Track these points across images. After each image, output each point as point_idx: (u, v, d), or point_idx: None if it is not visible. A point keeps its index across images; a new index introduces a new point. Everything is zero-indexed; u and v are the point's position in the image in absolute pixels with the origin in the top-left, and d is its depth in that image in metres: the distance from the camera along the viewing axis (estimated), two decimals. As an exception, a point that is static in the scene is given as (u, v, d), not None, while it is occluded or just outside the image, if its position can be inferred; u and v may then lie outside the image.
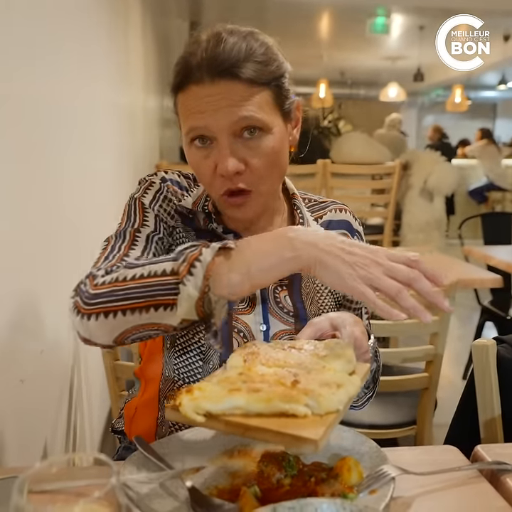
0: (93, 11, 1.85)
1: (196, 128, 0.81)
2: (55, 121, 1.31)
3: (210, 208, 0.91)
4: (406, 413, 1.79)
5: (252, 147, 0.81)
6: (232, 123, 0.79)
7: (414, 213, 4.38)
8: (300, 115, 0.90)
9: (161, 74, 3.95)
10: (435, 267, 0.69)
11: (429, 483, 0.69)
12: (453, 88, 8.05)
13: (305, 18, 5.84)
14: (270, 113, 0.82)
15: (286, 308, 0.91)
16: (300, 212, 0.94)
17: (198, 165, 0.84)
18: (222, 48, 0.79)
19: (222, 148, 0.80)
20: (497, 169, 7.05)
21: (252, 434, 0.59)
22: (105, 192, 1.95)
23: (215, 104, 0.78)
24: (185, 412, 0.60)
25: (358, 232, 1.00)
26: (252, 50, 0.80)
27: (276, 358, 0.69)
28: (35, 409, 1.08)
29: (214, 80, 0.78)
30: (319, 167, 3.70)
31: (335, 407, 0.61)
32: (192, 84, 0.80)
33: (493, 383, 0.95)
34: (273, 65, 0.82)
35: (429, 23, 6.24)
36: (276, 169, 0.85)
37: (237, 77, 0.78)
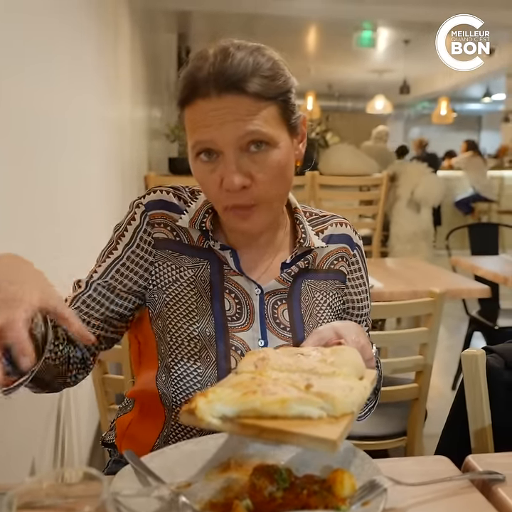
0: (83, 24, 1.86)
1: (202, 142, 0.81)
2: (44, 132, 1.30)
3: (207, 226, 0.90)
4: (396, 424, 1.79)
5: (258, 161, 0.81)
6: (238, 137, 0.79)
7: (402, 224, 4.41)
8: (306, 130, 0.90)
9: (149, 86, 3.97)
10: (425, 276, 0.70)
11: (421, 493, 0.69)
12: (438, 100, 8.18)
13: (293, 32, 5.90)
14: (277, 127, 0.82)
15: (282, 323, 0.91)
16: (303, 227, 0.94)
17: (204, 179, 0.84)
18: (229, 62, 0.79)
19: (228, 163, 0.80)
20: (483, 180, 7.14)
21: (268, 436, 0.60)
22: (94, 205, 1.94)
23: (221, 118, 0.79)
24: (202, 415, 0.60)
25: (357, 245, 1.00)
26: (258, 65, 0.80)
27: (288, 363, 0.70)
28: (22, 424, 1.07)
29: (221, 94, 0.79)
30: (307, 179, 3.72)
31: (349, 409, 0.62)
32: (198, 98, 0.80)
33: (483, 393, 0.95)
34: (280, 80, 0.83)
35: (414, 36, 6.35)
36: (283, 183, 0.85)
37: (243, 92, 0.79)
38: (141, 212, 0.91)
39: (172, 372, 0.88)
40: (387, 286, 2.11)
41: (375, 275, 2.26)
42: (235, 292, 0.90)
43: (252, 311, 0.90)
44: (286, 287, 0.92)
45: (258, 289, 0.91)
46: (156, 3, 4.62)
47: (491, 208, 7.21)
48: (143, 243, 0.90)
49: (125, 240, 0.91)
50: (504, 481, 0.71)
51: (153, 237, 0.90)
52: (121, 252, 0.91)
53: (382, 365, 1.68)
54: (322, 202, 3.80)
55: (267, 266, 0.93)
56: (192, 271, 0.90)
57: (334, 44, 6.89)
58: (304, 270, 0.94)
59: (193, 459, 0.74)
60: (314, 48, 7.23)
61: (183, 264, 0.90)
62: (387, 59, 7.69)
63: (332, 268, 0.97)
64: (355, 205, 4.31)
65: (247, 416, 0.60)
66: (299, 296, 0.93)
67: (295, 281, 0.93)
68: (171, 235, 0.91)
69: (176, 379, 0.87)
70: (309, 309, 0.93)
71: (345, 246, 0.98)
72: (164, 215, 0.91)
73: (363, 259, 1.01)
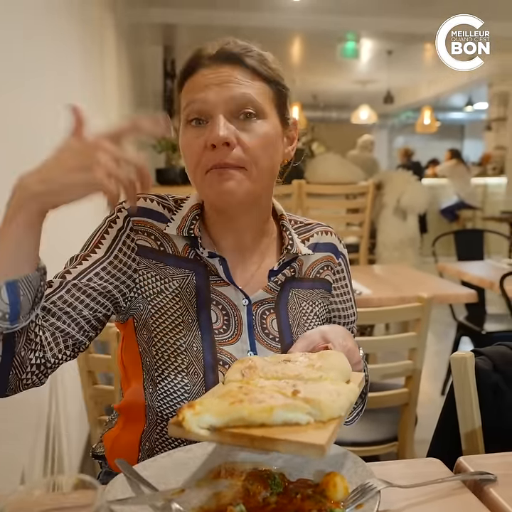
0: (69, 39, 1.87)
1: (195, 100, 0.82)
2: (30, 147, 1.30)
3: (195, 232, 0.88)
4: (387, 430, 1.79)
5: (246, 128, 0.82)
6: (230, 98, 0.81)
7: (389, 232, 4.45)
8: (296, 135, 0.92)
9: (135, 98, 3.98)
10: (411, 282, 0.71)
11: (415, 495, 0.69)
12: (422, 110, 8.28)
13: (277, 43, 5.96)
14: (268, 105, 0.85)
15: (271, 334, 0.90)
16: (289, 233, 0.94)
17: (189, 143, 0.83)
18: (229, 44, 0.85)
19: (216, 121, 0.81)
20: (467, 188, 7.23)
21: (259, 445, 0.60)
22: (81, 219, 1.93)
23: (218, 79, 0.82)
24: (189, 427, 0.60)
25: (342, 254, 1.00)
26: (257, 51, 0.86)
27: (274, 371, 0.70)
28: (12, 436, 1.06)
29: (221, 64, 0.83)
30: (294, 187, 3.74)
31: (337, 414, 0.62)
32: (201, 68, 0.84)
33: (473, 395, 0.96)
34: (276, 72, 0.87)
35: (397, 47, 6.43)
36: (267, 159, 0.84)
37: (242, 64, 0.83)
38: (124, 216, 0.88)
39: (159, 388, 0.86)
40: (376, 292, 2.13)
41: (363, 282, 2.27)
42: (222, 304, 0.88)
43: (240, 323, 0.88)
44: (273, 296, 0.91)
45: (246, 300, 0.89)
46: (142, 17, 4.65)
47: (476, 214, 7.30)
48: (126, 248, 0.87)
49: (106, 243, 0.87)
50: (496, 481, 0.72)
51: (136, 244, 0.87)
52: (102, 255, 0.86)
53: (372, 371, 1.70)
54: (309, 210, 3.82)
55: (253, 273, 0.92)
56: (177, 282, 0.88)
57: (318, 55, 6.97)
58: (290, 279, 0.93)
59: (184, 466, 0.74)
60: (299, 59, 7.30)
61: (167, 275, 0.88)
62: (371, 69, 7.79)
63: (318, 277, 0.96)
64: (342, 213, 4.34)
65: (235, 425, 0.60)
66: (286, 306, 0.92)
67: (282, 290, 0.92)
68: (155, 245, 0.88)
69: (163, 394, 0.86)
70: (297, 319, 0.93)
71: (330, 255, 0.98)
72: (148, 224, 0.88)
73: (347, 267, 1.01)
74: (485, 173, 8.19)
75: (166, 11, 4.84)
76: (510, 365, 1.01)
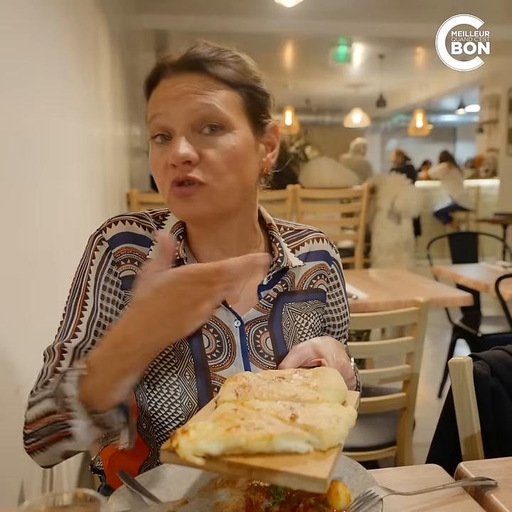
0: (63, 45, 1.87)
1: (156, 115, 0.79)
2: (24, 152, 1.30)
3: (180, 254, 0.84)
4: (385, 434, 1.80)
5: (210, 143, 0.77)
6: (190, 111, 0.76)
7: (384, 235, 4.46)
8: (277, 141, 0.87)
9: (129, 104, 3.97)
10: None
11: (416, 502, 0.70)
12: (414, 113, 8.33)
13: (270, 48, 5.98)
14: (236, 114, 0.79)
15: (266, 353, 0.86)
16: (279, 245, 0.89)
17: (155, 162, 0.80)
18: (195, 48, 0.80)
19: (178, 137, 0.77)
20: (460, 190, 7.26)
21: (257, 476, 0.58)
22: (77, 225, 1.93)
23: (177, 91, 0.77)
24: (184, 455, 0.57)
25: (335, 260, 0.97)
26: (225, 56, 0.80)
27: (270, 390, 0.67)
28: (11, 448, 1.05)
29: (183, 73, 0.78)
30: (289, 192, 3.75)
31: (337, 442, 0.61)
32: (162, 79, 0.80)
33: (471, 400, 0.96)
34: (246, 76, 0.81)
35: (388, 51, 6.47)
36: (234, 174, 0.79)
37: (204, 71, 0.78)
38: (105, 250, 0.84)
39: (153, 421, 0.83)
40: (372, 297, 2.13)
41: (359, 286, 2.28)
42: (213, 327, 0.84)
43: (232, 345, 0.85)
44: (266, 314, 0.88)
45: (238, 321, 0.85)
46: (135, 23, 4.66)
47: (469, 217, 7.34)
48: (110, 284, 0.84)
49: (92, 285, 0.84)
50: (497, 487, 0.72)
51: (120, 278, 0.84)
52: (93, 302, 0.83)
53: (370, 376, 1.71)
54: (304, 215, 3.83)
55: (241, 289, 0.87)
56: None
57: (311, 60, 6.99)
58: (283, 294, 0.89)
59: (186, 476, 0.74)
60: (291, 64, 7.33)
61: None
62: (363, 73, 7.83)
63: (311, 288, 0.93)
64: (336, 217, 4.36)
65: (232, 454, 0.58)
66: (280, 322, 0.89)
67: (275, 307, 0.88)
68: (140, 271, 0.81)
69: (158, 427, 0.83)
70: (292, 334, 0.89)
71: (323, 263, 0.95)
72: (130, 249, 0.84)
73: (340, 273, 0.98)
74: (477, 176, 8.24)
75: (158, 17, 4.85)
76: (508, 370, 1.01)
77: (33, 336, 1.26)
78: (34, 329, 1.27)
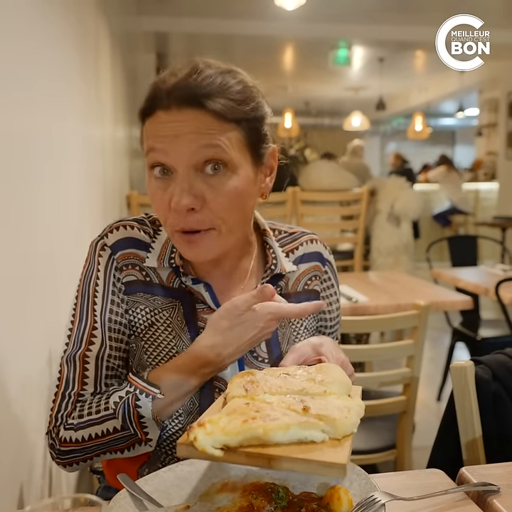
0: (64, 47, 1.86)
1: (155, 150, 0.76)
2: (26, 154, 1.30)
3: (176, 262, 0.85)
4: (385, 437, 1.79)
5: (212, 184, 0.76)
6: (192, 152, 0.74)
7: (383, 238, 4.47)
8: (275, 164, 0.85)
9: (129, 106, 3.98)
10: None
11: (418, 507, 0.69)
12: (413, 116, 8.34)
13: (270, 51, 5.99)
14: (239, 153, 0.77)
15: (260, 356, 0.87)
16: (273, 251, 0.90)
17: (155, 197, 0.79)
18: (194, 77, 0.75)
19: (179, 180, 0.75)
20: (459, 194, 7.27)
21: (276, 464, 0.58)
22: (76, 226, 1.93)
23: (177, 130, 0.74)
24: (203, 448, 0.57)
25: (328, 261, 0.98)
26: (226, 86, 0.76)
27: (278, 385, 0.68)
28: (9, 453, 1.05)
29: (181, 107, 0.74)
30: (289, 195, 3.76)
31: (350, 430, 0.62)
32: (159, 110, 0.76)
33: (473, 404, 0.96)
34: (248, 106, 0.78)
35: (388, 55, 6.49)
36: (238, 212, 0.79)
37: (204, 108, 0.74)
38: (108, 256, 0.85)
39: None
40: (372, 300, 2.13)
41: (359, 289, 2.28)
42: None
43: None
44: None
45: None
46: (135, 25, 4.66)
47: (468, 220, 7.35)
48: (116, 289, 0.85)
49: (100, 291, 0.85)
50: (499, 492, 0.72)
51: (122, 283, 0.85)
52: (101, 307, 0.84)
53: (370, 379, 1.70)
54: (304, 217, 3.83)
55: (238, 294, 0.87)
56: (167, 312, 0.85)
57: (311, 62, 7.01)
58: None
59: (187, 480, 0.74)
60: (291, 67, 7.34)
61: (156, 306, 0.85)
62: (363, 77, 7.84)
63: (306, 289, 0.94)
64: (336, 220, 4.36)
65: (249, 444, 0.58)
66: None
67: None
68: (141, 276, 0.85)
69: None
70: (286, 336, 0.90)
71: (317, 264, 0.95)
72: (132, 254, 0.85)
73: (334, 273, 0.98)
74: (476, 179, 8.25)
75: (158, 19, 4.86)
76: (510, 374, 1.01)
77: (32, 338, 1.25)
78: (31, 338, 1.26)
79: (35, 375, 1.26)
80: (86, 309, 0.85)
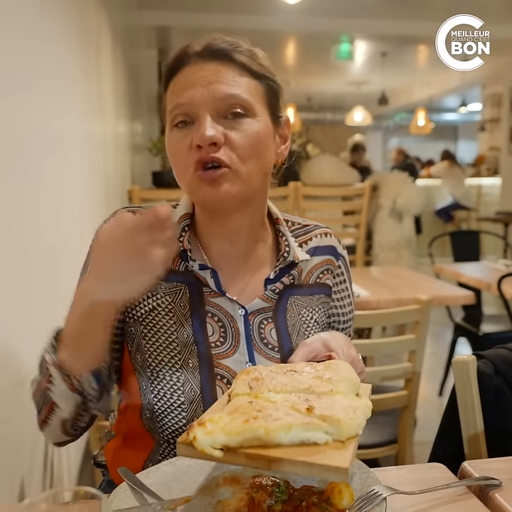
0: (65, 43, 1.86)
1: (181, 104, 0.79)
2: (27, 150, 1.29)
3: (185, 245, 0.85)
4: (386, 432, 1.80)
5: (235, 127, 0.79)
6: (217, 99, 0.78)
7: (385, 233, 4.45)
8: (289, 134, 0.89)
9: (130, 101, 3.97)
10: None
11: (420, 501, 0.69)
12: (416, 111, 8.31)
13: (272, 46, 5.96)
14: (258, 102, 0.81)
15: (270, 343, 0.86)
16: (286, 239, 0.90)
17: (176, 146, 0.80)
18: (217, 40, 0.82)
19: (203, 121, 0.77)
20: (461, 189, 7.24)
21: (277, 467, 0.57)
22: (78, 221, 1.93)
23: (204, 80, 0.78)
24: (202, 448, 0.57)
25: (342, 256, 0.97)
26: (248, 48, 0.83)
27: (283, 383, 0.67)
28: (11, 445, 1.05)
29: (206, 60, 0.79)
30: (291, 190, 3.75)
31: (355, 432, 0.61)
32: (185, 67, 0.80)
33: (475, 399, 0.96)
34: (268, 68, 0.84)
35: (391, 49, 6.45)
36: (258, 158, 0.80)
37: (230, 60, 0.80)
38: None
39: (156, 409, 0.83)
40: (374, 294, 2.13)
41: (361, 284, 2.27)
42: (217, 315, 0.85)
43: (237, 334, 0.85)
44: (271, 305, 0.88)
45: (242, 310, 0.86)
46: (137, 20, 4.64)
47: (470, 215, 7.32)
48: None
49: None
50: (501, 487, 0.72)
51: None
52: None
53: (371, 374, 1.70)
54: (306, 212, 3.82)
55: (247, 282, 0.89)
56: (169, 297, 0.85)
57: (313, 57, 6.98)
58: (289, 286, 0.90)
59: (188, 473, 0.74)
60: (293, 61, 7.31)
61: (159, 291, 0.84)
62: (365, 71, 7.80)
63: (318, 282, 0.93)
64: (338, 215, 4.34)
65: (250, 445, 0.57)
66: (285, 314, 0.89)
67: (280, 299, 0.89)
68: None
69: (161, 415, 0.83)
70: (296, 327, 0.89)
71: (330, 258, 0.95)
72: None
73: (347, 269, 0.98)
74: (479, 174, 8.22)
75: (160, 14, 4.84)
76: (512, 368, 1.01)
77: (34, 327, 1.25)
78: (34, 327, 1.27)
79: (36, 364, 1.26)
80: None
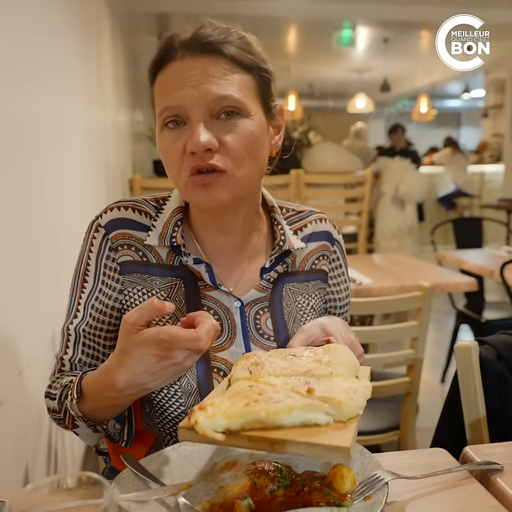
0: (65, 31, 1.84)
1: (171, 107, 0.76)
2: (28, 139, 1.29)
3: (178, 241, 0.84)
4: (388, 419, 1.80)
5: (229, 128, 0.76)
6: (208, 101, 0.75)
7: (387, 221, 4.44)
8: (283, 123, 0.86)
9: (131, 89, 3.94)
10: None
11: (422, 486, 0.69)
12: (418, 98, 8.24)
13: (273, 32, 5.91)
14: (251, 99, 0.78)
15: (266, 334, 0.86)
16: (281, 228, 0.89)
17: (168, 148, 0.77)
18: (203, 29, 0.77)
19: (196, 124, 0.75)
20: (464, 176, 7.21)
21: (280, 448, 0.57)
22: (79, 210, 1.92)
23: (194, 80, 0.75)
24: (204, 431, 0.57)
25: (337, 241, 0.97)
26: (238, 36, 0.79)
27: (283, 367, 0.67)
28: (15, 431, 1.05)
29: (195, 55, 0.75)
30: (292, 177, 3.73)
31: (355, 413, 0.61)
32: (172, 61, 0.77)
33: (477, 384, 0.95)
34: (259, 56, 0.80)
35: (393, 35, 6.39)
36: (254, 159, 0.78)
37: (219, 54, 0.76)
38: (102, 236, 0.84)
39: (154, 404, 0.83)
40: (376, 282, 2.12)
41: (363, 271, 2.27)
42: (213, 308, 0.85)
43: (233, 326, 0.85)
44: (266, 295, 0.88)
45: (238, 302, 0.86)
46: (136, 6, 4.59)
47: (472, 202, 7.29)
48: (108, 270, 0.84)
49: (92, 270, 0.85)
50: (502, 471, 0.72)
51: (118, 263, 0.84)
52: (92, 285, 0.84)
53: (374, 361, 1.70)
54: (308, 200, 3.81)
55: (242, 272, 0.88)
56: (165, 292, 0.84)
57: (314, 43, 6.91)
58: (283, 274, 0.89)
59: (190, 459, 0.74)
60: (294, 48, 7.24)
61: (154, 287, 0.84)
62: (367, 58, 7.73)
63: (313, 268, 0.93)
64: (340, 202, 4.33)
65: (252, 428, 0.57)
66: (280, 302, 0.88)
67: (275, 287, 0.88)
68: (137, 256, 0.84)
69: (159, 410, 0.83)
70: (292, 314, 0.89)
71: (325, 243, 0.94)
72: (127, 235, 0.84)
73: (343, 254, 0.98)
74: (482, 161, 8.17)
75: (160, 0, 4.79)
76: (514, 354, 1.01)
77: (34, 321, 1.26)
78: (36, 313, 1.27)
79: (41, 353, 1.27)
80: (76, 287, 0.86)
